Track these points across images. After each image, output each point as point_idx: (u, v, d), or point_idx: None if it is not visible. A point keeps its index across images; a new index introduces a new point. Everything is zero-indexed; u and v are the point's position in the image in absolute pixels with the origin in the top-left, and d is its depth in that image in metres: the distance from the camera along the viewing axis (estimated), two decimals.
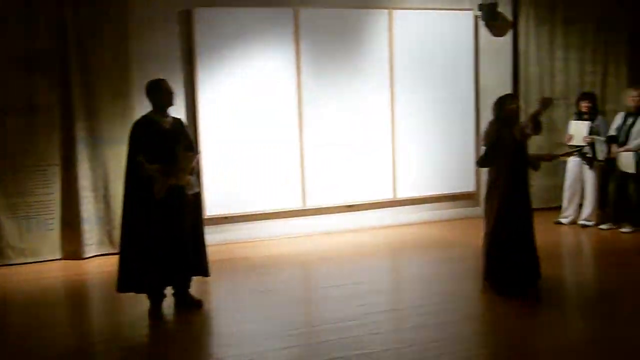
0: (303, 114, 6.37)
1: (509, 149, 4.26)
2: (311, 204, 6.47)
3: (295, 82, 6.33)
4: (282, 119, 6.33)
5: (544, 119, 6.89)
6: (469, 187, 7.09)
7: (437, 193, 6.98)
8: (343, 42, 6.48)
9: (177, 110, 5.59)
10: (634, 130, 6.05)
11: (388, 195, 6.78)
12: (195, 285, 4.35)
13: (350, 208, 6.67)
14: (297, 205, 6.44)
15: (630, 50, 7.63)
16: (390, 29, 6.62)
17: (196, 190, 4.21)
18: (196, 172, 4.27)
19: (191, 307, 4.20)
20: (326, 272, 5.20)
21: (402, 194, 6.82)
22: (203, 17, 5.98)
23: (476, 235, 5.97)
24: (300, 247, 6.02)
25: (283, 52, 6.27)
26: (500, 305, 4.14)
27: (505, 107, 4.37)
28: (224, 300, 4.55)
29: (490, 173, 4.47)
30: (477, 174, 7.00)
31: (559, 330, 3.70)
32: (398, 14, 6.63)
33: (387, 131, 6.72)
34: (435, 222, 6.94)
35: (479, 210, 6.95)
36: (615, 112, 6.75)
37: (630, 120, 6.14)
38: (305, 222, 6.51)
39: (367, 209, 6.74)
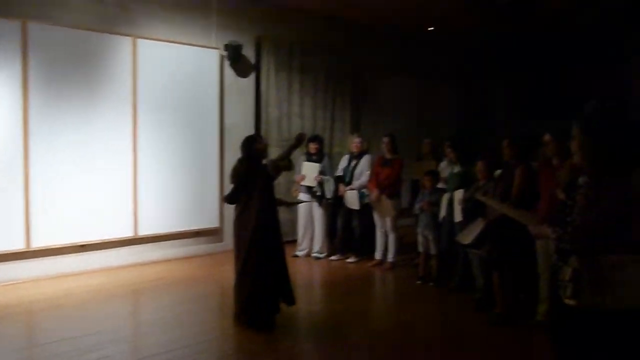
0: (29, 141, 5.63)
1: (258, 185, 4.39)
2: (37, 244, 5.71)
3: (21, 105, 5.57)
4: (0, 146, 5.49)
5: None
6: (214, 222, 7.11)
7: (181, 229, 6.84)
8: (81, 66, 5.97)
9: None
10: (357, 171, 6.82)
11: (128, 233, 6.37)
12: None
13: (84, 248, 6.08)
14: (18, 246, 5.60)
15: (354, 100, 8.72)
16: (134, 58, 6.34)
17: None
18: None
19: None
20: (55, 323, 4.55)
21: (144, 231, 6.49)
22: None
23: (222, 270, 6.03)
24: (22, 295, 5.22)
25: (5, 68, 5.48)
26: (251, 342, 4.16)
27: (254, 145, 4.51)
28: None
29: (237, 209, 4.51)
30: (221, 210, 7.09)
31: None
32: (142, 43, 6.41)
33: (128, 164, 6.35)
34: (180, 259, 6.77)
35: (224, 245, 7.05)
36: (342, 155, 7.58)
37: (353, 163, 6.90)
38: (30, 266, 5.71)
39: (104, 248, 6.23)
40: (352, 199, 6.74)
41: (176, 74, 6.72)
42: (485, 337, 4.38)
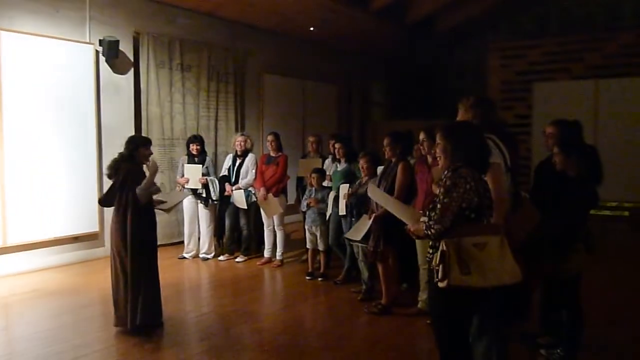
0: None
1: (135, 190, 4.21)
2: None
3: None
4: None
5: (165, 158, 7.14)
6: (93, 226, 6.70)
7: (57, 236, 6.36)
8: None
9: None
10: (242, 170, 6.74)
11: None
12: None
13: None
14: None
15: (238, 99, 8.61)
16: None
17: None
18: None
19: None
20: None
21: (14, 239, 5.95)
22: None
23: (104, 277, 5.68)
24: None
25: None
26: (136, 351, 3.98)
27: (140, 150, 4.34)
28: None
29: (115, 213, 4.30)
30: (101, 213, 6.70)
31: None
32: (6, 36, 5.86)
33: None
34: (57, 267, 6.31)
35: (105, 250, 6.68)
36: (226, 154, 7.49)
37: (238, 162, 6.80)
38: None
39: None
40: (239, 198, 6.67)
41: (47, 70, 6.23)
42: (372, 326, 4.56)
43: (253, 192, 6.66)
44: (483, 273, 2.53)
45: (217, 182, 6.74)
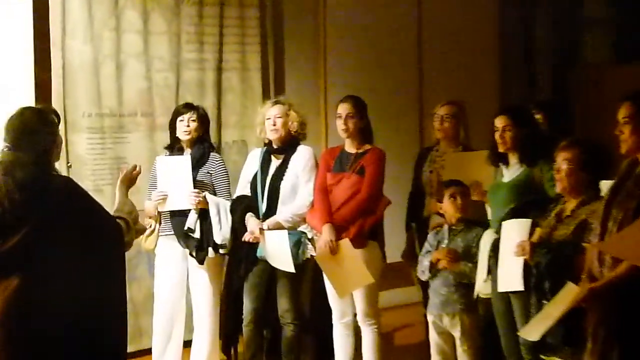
0: None
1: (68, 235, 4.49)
2: None
3: None
4: None
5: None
6: None
7: None
8: None
9: None
10: (284, 186, 6.70)
11: None
12: None
13: None
14: None
15: (266, 25, 8.78)
16: None
17: None
18: None
19: None
20: None
21: None
22: None
23: None
24: None
25: None
26: None
27: (58, 138, 4.72)
28: None
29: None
30: None
31: None
32: None
33: None
34: None
35: None
36: (244, 149, 7.60)
37: (274, 166, 6.80)
38: None
39: None
40: (276, 249, 6.64)
41: None
42: None
43: (310, 235, 6.66)
44: None
45: (228, 208, 6.78)
